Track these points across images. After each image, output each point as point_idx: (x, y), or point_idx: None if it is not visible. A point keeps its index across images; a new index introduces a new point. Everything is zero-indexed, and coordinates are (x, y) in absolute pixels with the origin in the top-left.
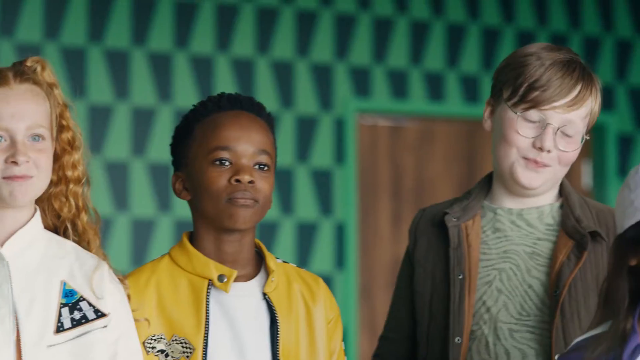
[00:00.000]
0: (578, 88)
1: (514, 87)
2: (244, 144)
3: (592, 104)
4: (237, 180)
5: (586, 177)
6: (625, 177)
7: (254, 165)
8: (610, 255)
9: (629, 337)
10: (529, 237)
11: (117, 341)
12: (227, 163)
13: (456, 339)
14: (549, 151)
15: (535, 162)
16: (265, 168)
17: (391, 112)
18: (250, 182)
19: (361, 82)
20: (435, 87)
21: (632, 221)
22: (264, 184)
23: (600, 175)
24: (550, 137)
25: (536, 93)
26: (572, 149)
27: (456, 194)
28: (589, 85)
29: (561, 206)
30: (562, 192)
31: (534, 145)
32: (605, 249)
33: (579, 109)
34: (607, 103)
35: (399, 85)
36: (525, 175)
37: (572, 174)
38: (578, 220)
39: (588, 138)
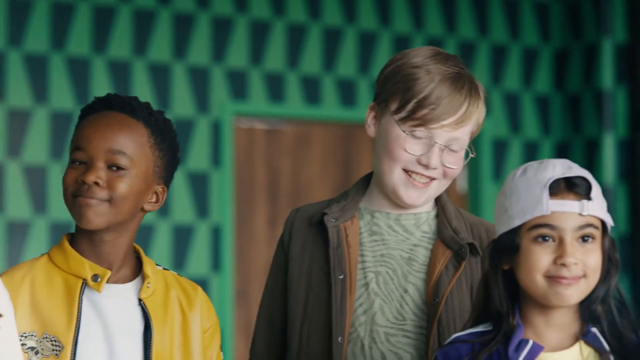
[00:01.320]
0: (465, 105)
1: (401, 101)
2: (97, 144)
3: (477, 117)
4: (83, 181)
5: (461, 181)
6: (499, 181)
7: (109, 165)
8: (487, 260)
9: (514, 332)
10: (405, 242)
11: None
12: (79, 163)
13: (339, 339)
14: (434, 168)
15: (421, 176)
16: (121, 169)
17: (268, 116)
18: (96, 182)
19: (238, 85)
20: (311, 91)
21: (505, 228)
22: (118, 185)
23: (475, 179)
24: (436, 156)
25: (425, 111)
26: (457, 165)
27: (332, 197)
28: (475, 100)
29: (437, 215)
30: (437, 201)
31: (419, 162)
32: (479, 261)
33: (465, 126)
34: None
35: (275, 88)
36: (408, 195)
37: None
38: (456, 231)
39: (473, 155)
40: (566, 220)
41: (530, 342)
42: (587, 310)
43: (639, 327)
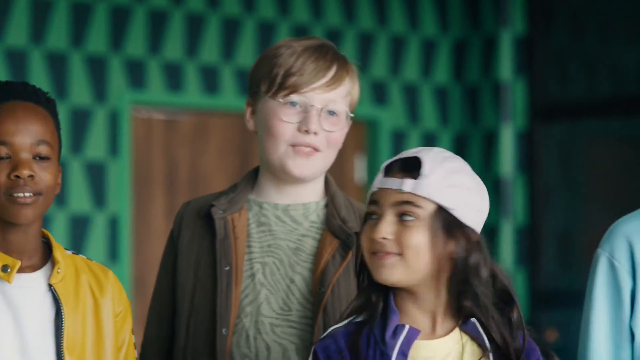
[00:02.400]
0: (334, 68)
1: (270, 79)
2: (21, 136)
3: (350, 83)
4: (17, 176)
5: (359, 172)
6: None
7: (34, 157)
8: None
9: (389, 318)
10: (293, 232)
11: None
12: (5, 158)
13: (223, 330)
14: (315, 133)
15: (305, 146)
16: (46, 159)
17: (166, 105)
18: (30, 176)
19: (136, 74)
20: (210, 81)
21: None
22: (45, 175)
23: (373, 170)
24: (315, 119)
25: (294, 78)
26: (338, 128)
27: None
28: (343, 65)
29: (326, 205)
30: (327, 191)
31: (299, 130)
32: None
33: (338, 88)
34: (381, 98)
35: (174, 78)
36: (295, 165)
37: (345, 169)
38: (344, 220)
39: (352, 116)
40: (385, 197)
41: (407, 327)
42: (455, 304)
43: (521, 325)
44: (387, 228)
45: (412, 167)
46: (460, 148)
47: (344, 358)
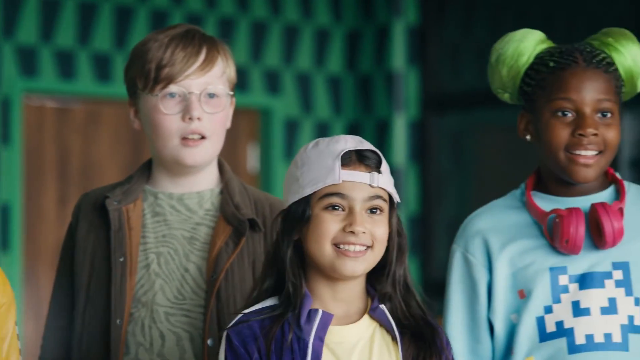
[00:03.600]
0: (204, 51)
1: (144, 75)
2: None
3: (223, 62)
4: None
5: (252, 161)
6: (290, 160)
7: None
8: (278, 229)
9: (303, 303)
10: (187, 221)
11: None
12: None
13: (117, 321)
14: (199, 119)
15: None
16: None
17: (58, 93)
18: None
19: (28, 61)
20: (102, 69)
21: (296, 197)
22: None
23: (266, 158)
24: (196, 105)
25: (166, 70)
26: (220, 109)
27: (123, 176)
28: (213, 45)
29: (221, 192)
30: (222, 177)
31: (183, 120)
32: (262, 237)
33: (212, 69)
34: (274, 87)
35: (66, 65)
36: (187, 155)
37: (238, 158)
38: (237, 207)
39: (232, 94)
40: (356, 190)
41: (320, 312)
42: (375, 287)
43: (424, 308)
44: (364, 223)
45: (376, 161)
46: None
47: (260, 344)
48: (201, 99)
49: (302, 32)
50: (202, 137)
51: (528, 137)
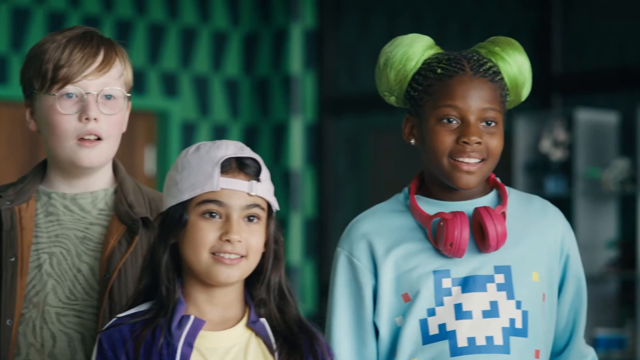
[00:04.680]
0: (102, 52)
1: (41, 76)
2: None
3: (121, 64)
4: None
5: (149, 163)
6: None
7: None
8: (155, 232)
9: (176, 308)
10: (81, 221)
11: None
12: None
13: (7, 321)
14: (95, 119)
15: (88, 134)
16: None
17: None
18: None
19: None
20: (0, 71)
21: (174, 202)
22: None
23: (163, 161)
24: (93, 106)
25: (64, 70)
26: (117, 110)
27: (19, 176)
28: (111, 47)
29: (115, 192)
30: (116, 177)
31: (80, 120)
32: None
33: (110, 71)
34: (171, 90)
35: None
36: (83, 157)
37: (135, 160)
38: (131, 206)
39: (129, 96)
40: (234, 198)
41: (192, 318)
42: (252, 293)
43: (300, 315)
44: (241, 232)
45: (256, 169)
46: (250, 140)
47: (128, 348)
48: (98, 100)
49: (200, 35)
50: (98, 139)
51: (413, 141)
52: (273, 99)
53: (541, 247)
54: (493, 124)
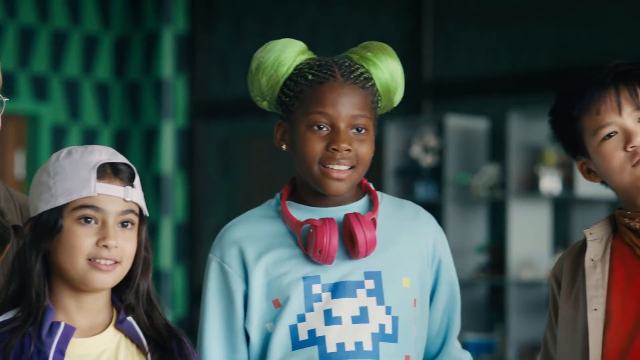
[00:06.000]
0: None
1: None
2: None
3: None
4: None
5: (19, 167)
6: None
7: None
8: (26, 237)
9: (45, 315)
10: None
11: None
12: None
13: None
14: None
15: None
16: None
17: None
18: None
19: None
20: None
21: (48, 206)
22: None
23: (33, 165)
24: None
25: None
26: None
27: None
28: None
29: None
30: None
31: None
32: None
33: None
34: (41, 93)
35: None
36: None
37: (5, 163)
38: (2, 213)
39: (6, 100)
40: (111, 204)
41: (62, 324)
42: (121, 299)
43: (167, 320)
44: (117, 238)
45: (130, 175)
46: (120, 144)
47: None
48: None
49: (70, 38)
50: None
51: (284, 146)
52: (144, 103)
53: (412, 253)
54: (363, 131)
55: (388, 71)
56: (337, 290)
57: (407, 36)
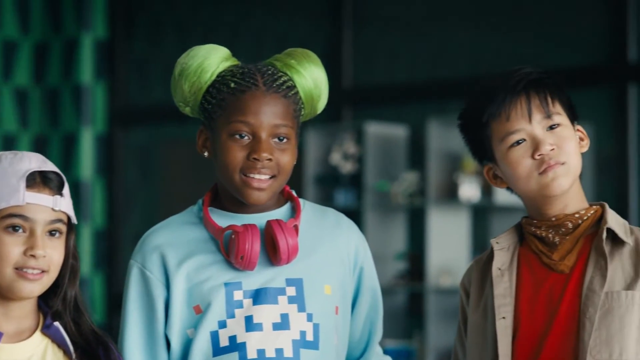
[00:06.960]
0: None
1: None
2: None
3: None
4: None
5: None
6: None
7: None
8: None
9: None
10: None
11: None
12: None
13: None
14: None
15: None
16: None
17: None
18: None
19: None
20: None
21: None
22: None
23: None
24: None
25: None
26: None
27: None
28: None
29: None
30: None
31: None
32: None
33: None
34: None
35: None
36: None
37: None
38: None
39: None
40: (39, 213)
41: None
42: (48, 304)
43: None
44: (45, 247)
45: (59, 184)
46: (39, 151)
47: None
48: None
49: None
50: None
51: (206, 153)
52: (63, 109)
53: (334, 260)
54: (285, 140)
55: (312, 79)
56: (258, 296)
57: (327, 42)
